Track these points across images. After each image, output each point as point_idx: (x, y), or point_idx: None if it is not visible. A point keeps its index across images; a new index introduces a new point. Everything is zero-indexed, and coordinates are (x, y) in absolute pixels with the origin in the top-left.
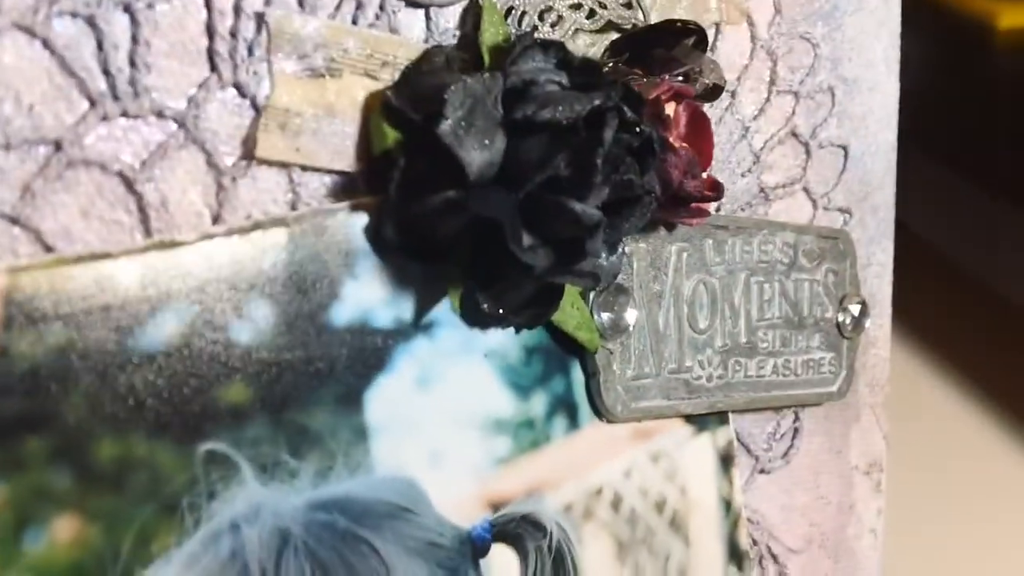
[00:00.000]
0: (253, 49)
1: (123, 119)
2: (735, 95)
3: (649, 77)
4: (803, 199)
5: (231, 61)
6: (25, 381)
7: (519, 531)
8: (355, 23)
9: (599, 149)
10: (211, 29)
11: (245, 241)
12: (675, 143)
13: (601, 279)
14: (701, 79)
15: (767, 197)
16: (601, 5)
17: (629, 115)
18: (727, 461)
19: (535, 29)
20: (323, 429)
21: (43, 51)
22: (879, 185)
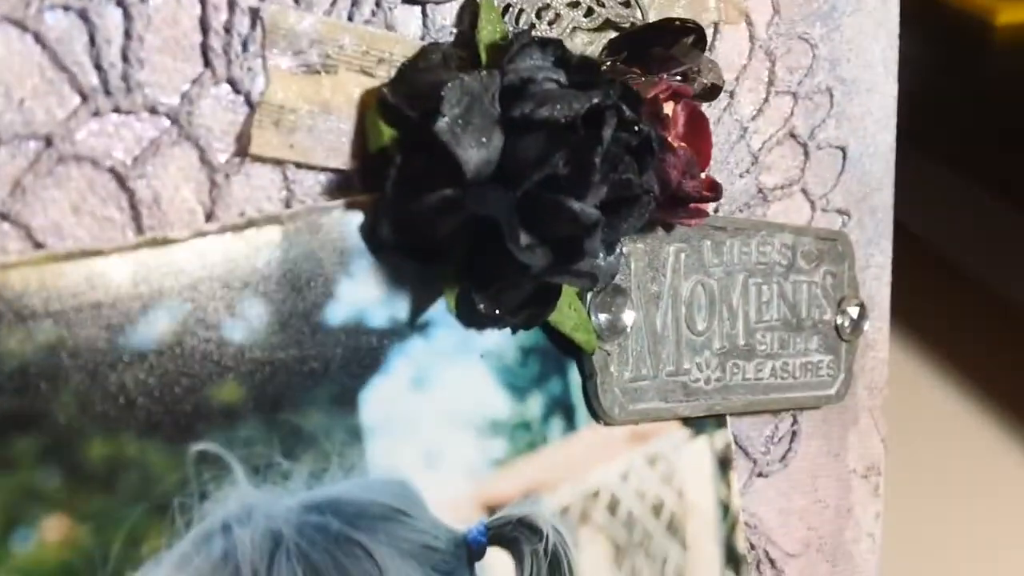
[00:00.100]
0: (248, 44)
1: (115, 115)
2: (733, 95)
3: (647, 76)
4: (801, 200)
5: (225, 57)
6: (14, 379)
7: (515, 534)
8: (351, 19)
9: (598, 148)
10: (205, 24)
11: (239, 239)
12: (673, 143)
13: (599, 279)
14: (699, 79)
15: (765, 198)
16: (599, 3)
17: (628, 114)
18: (725, 464)
19: (532, 27)
20: (317, 430)
21: (34, 45)
22: (878, 186)
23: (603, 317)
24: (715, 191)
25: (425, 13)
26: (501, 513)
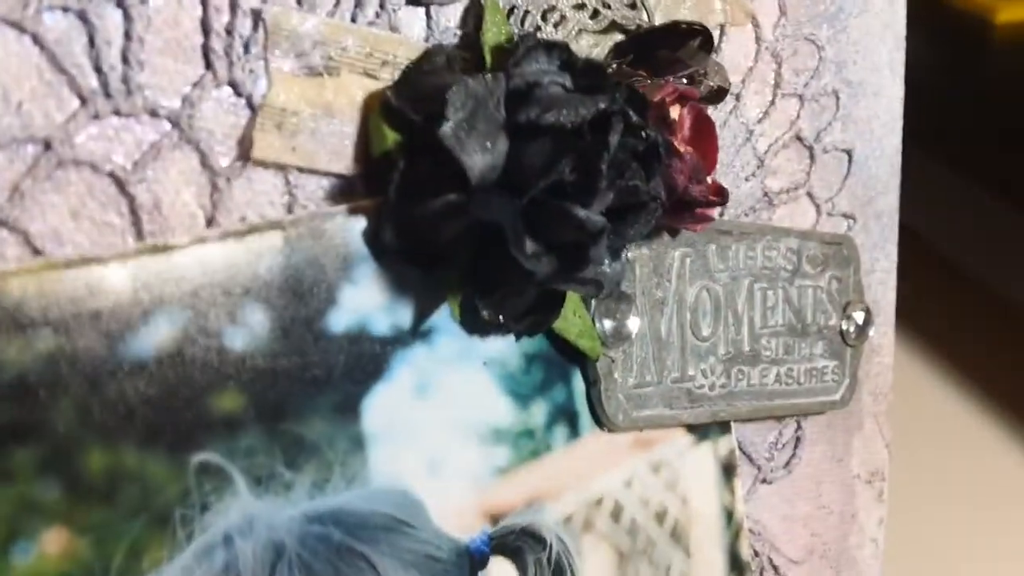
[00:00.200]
0: (249, 46)
1: (115, 118)
2: (739, 98)
3: (653, 79)
4: (807, 204)
5: (227, 59)
6: (13, 389)
7: (518, 544)
8: (354, 21)
9: (604, 154)
10: (206, 25)
11: (240, 245)
12: (680, 147)
13: (604, 286)
14: (705, 81)
15: (771, 202)
16: (605, 5)
17: (634, 119)
18: (729, 471)
19: (538, 29)
20: (319, 439)
21: (33, 46)
22: (883, 190)
23: (608, 323)
24: (721, 196)
25: (429, 15)
26: (504, 522)
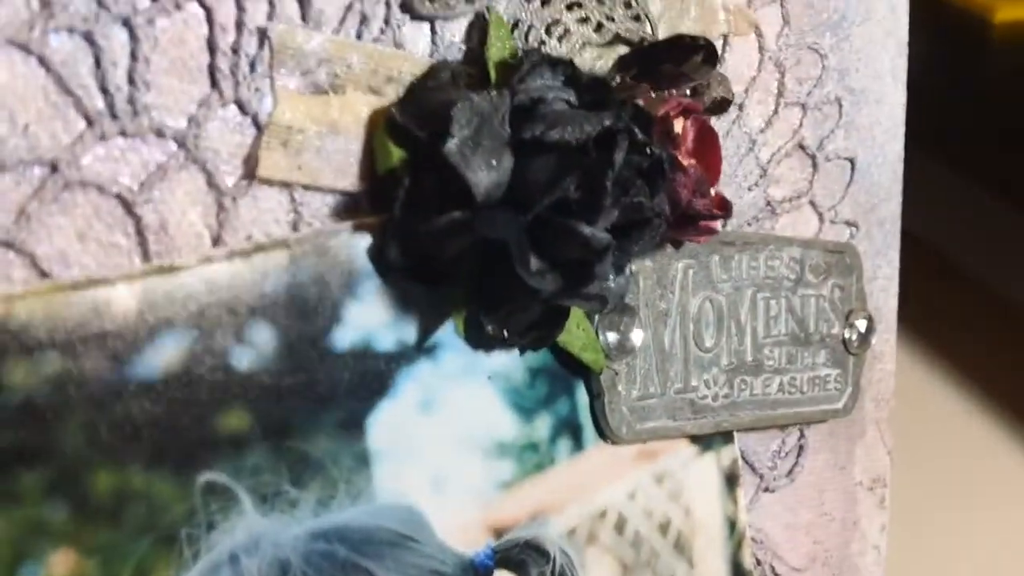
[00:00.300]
0: (255, 65)
1: (121, 139)
2: (742, 107)
3: (657, 92)
4: (809, 212)
5: (233, 78)
6: (20, 412)
7: (522, 557)
8: (359, 37)
9: (609, 171)
10: (212, 45)
11: (245, 264)
12: (683, 160)
13: (608, 301)
14: (709, 92)
15: (774, 211)
16: (609, 18)
17: (639, 136)
18: (732, 480)
19: (542, 43)
20: (325, 456)
21: (39, 68)
22: (886, 197)
23: (611, 336)
24: (725, 209)
25: (434, 30)
26: (508, 536)
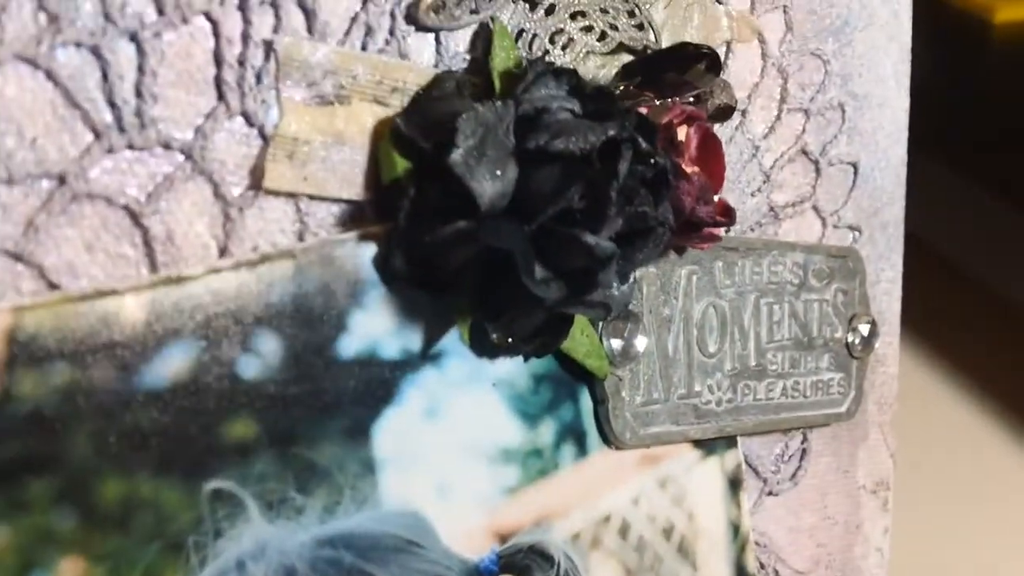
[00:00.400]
0: (261, 77)
1: (129, 151)
2: (745, 114)
3: (661, 100)
4: (812, 217)
5: (239, 90)
6: (29, 422)
7: (527, 562)
8: (364, 49)
9: (614, 182)
10: (219, 57)
11: (252, 274)
12: (687, 167)
13: (612, 309)
14: (712, 99)
15: (777, 216)
16: (612, 27)
17: (644, 146)
18: (735, 485)
19: (546, 53)
20: (330, 463)
21: (46, 82)
22: (889, 201)
23: (615, 343)
24: (728, 215)
25: (439, 40)
26: (513, 541)
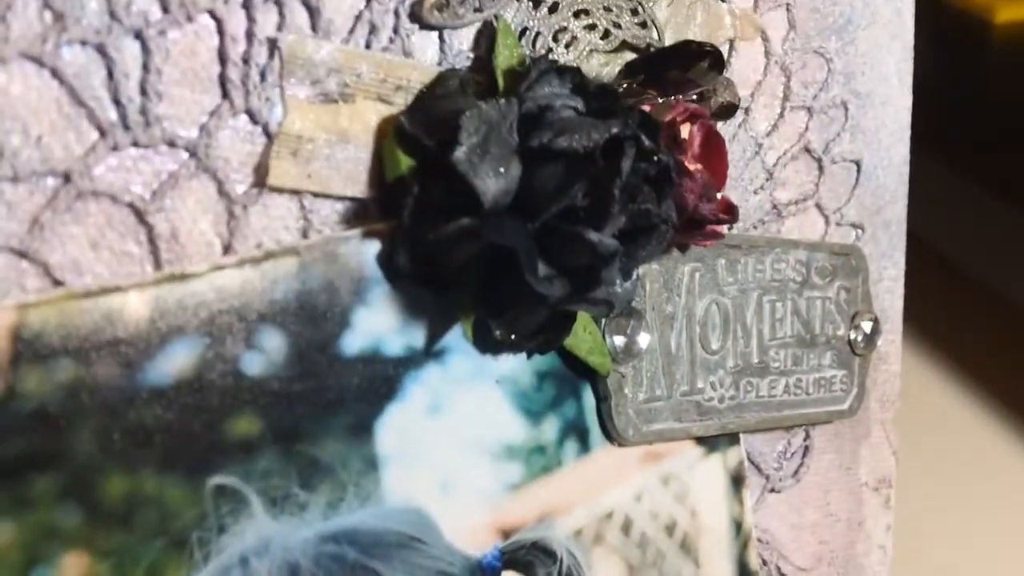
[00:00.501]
0: (266, 75)
1: (133, 149)
2: (749, 111)
3: (664, 98)
4: (815, 215)
5: (243, 88)
6: (33, 419)
7: (529, 558)
8: (368, 47)
9: (617, 179)
10: (223, 55)
11: (256, 271)
12: (690, 165)
13: (615, 306)
14: (715, 97)
15: (780, 214)
16: (616, 25)
17: (647, 143)
18: (738, 482)
19: (550, 51)
20: (334, 460)
21: (52, 80)
22: (891, 199)
23: (618, 340)
24: (731, 213)
25: (442, 38)
26: (516, 537)
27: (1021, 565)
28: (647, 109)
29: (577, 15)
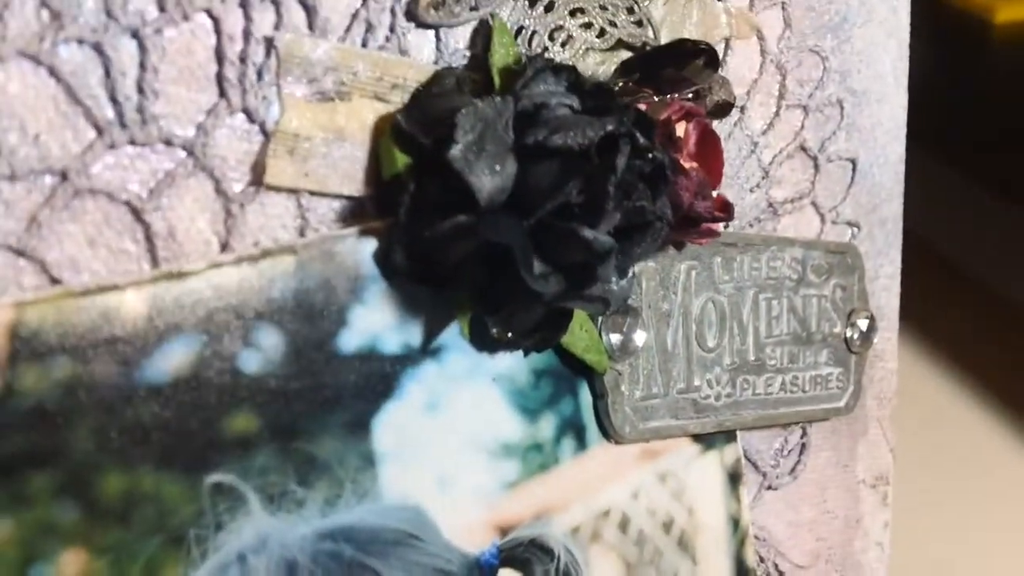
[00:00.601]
0: (262, 74)
1: (131, 147)
2: (744, 110)
3: (660, 96)
4: (811, 213)
5: (240, 86)
6: (31, 416)
7: (527, 555)
8: (365, 45)
9: (611, 176)
10: (220, 54)
11: (253, 269)
12: (685, 163)
13: (611, 303)
14: (711, 96)
15: (776, 212)
16: (611, 24)
17: (641, 141)
18: (735, 479)
19: (545, 49)
20: (331, 457)
21: (49, 79)
22: (887, 197)
23: (615, 337)
24: (727, 211)
25: (439, 37)
26: (513, 534)
27: (1018, 562)
28: (643, 107)
29: (573, 13)
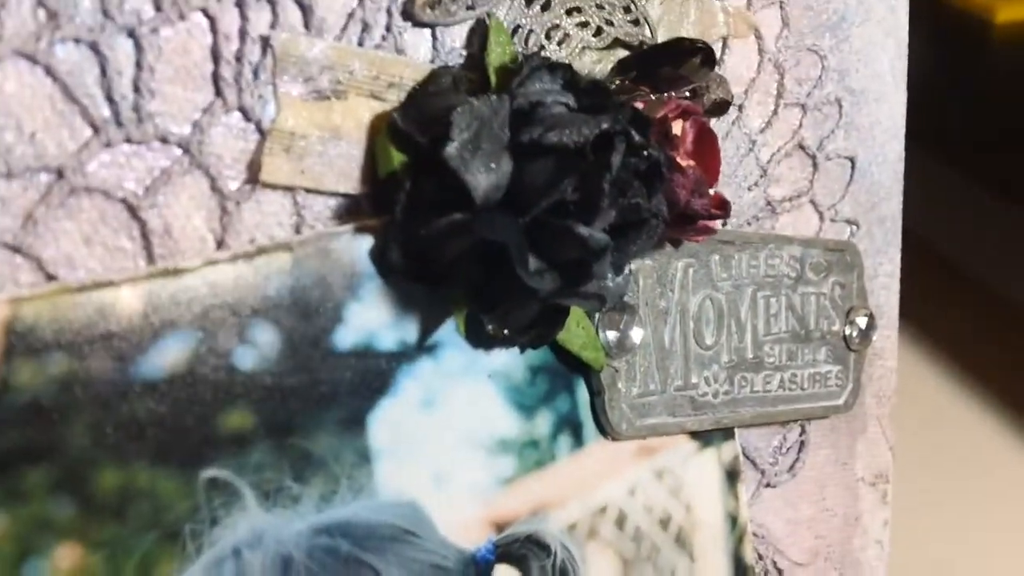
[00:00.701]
0: (258, 72)
1: (127, 145)
2: (742, 109)
3: (657, 95)
4: (810, 211)
5: (236, 85)
6: (26, 413)
7: (523, 552)
8: (361, 44)
9: (607, 174)
10: (216, 53)
11: (249, 266)
12: (682, 161)
13: (607, 300)
14: (708, 94)
15: (774, 210)
16: (608, 23)
17: (637, 139)
18: (733, 476)
19: (542, 48)
20: (327, 453)
21: (45, 78)
22: (886, 195)
23: (611, 334)
24: (723, 209)
25: (435, 36)
26: (509, 531)
27: (1017, 561)
28: (639, 106)
29: (569, 12)
